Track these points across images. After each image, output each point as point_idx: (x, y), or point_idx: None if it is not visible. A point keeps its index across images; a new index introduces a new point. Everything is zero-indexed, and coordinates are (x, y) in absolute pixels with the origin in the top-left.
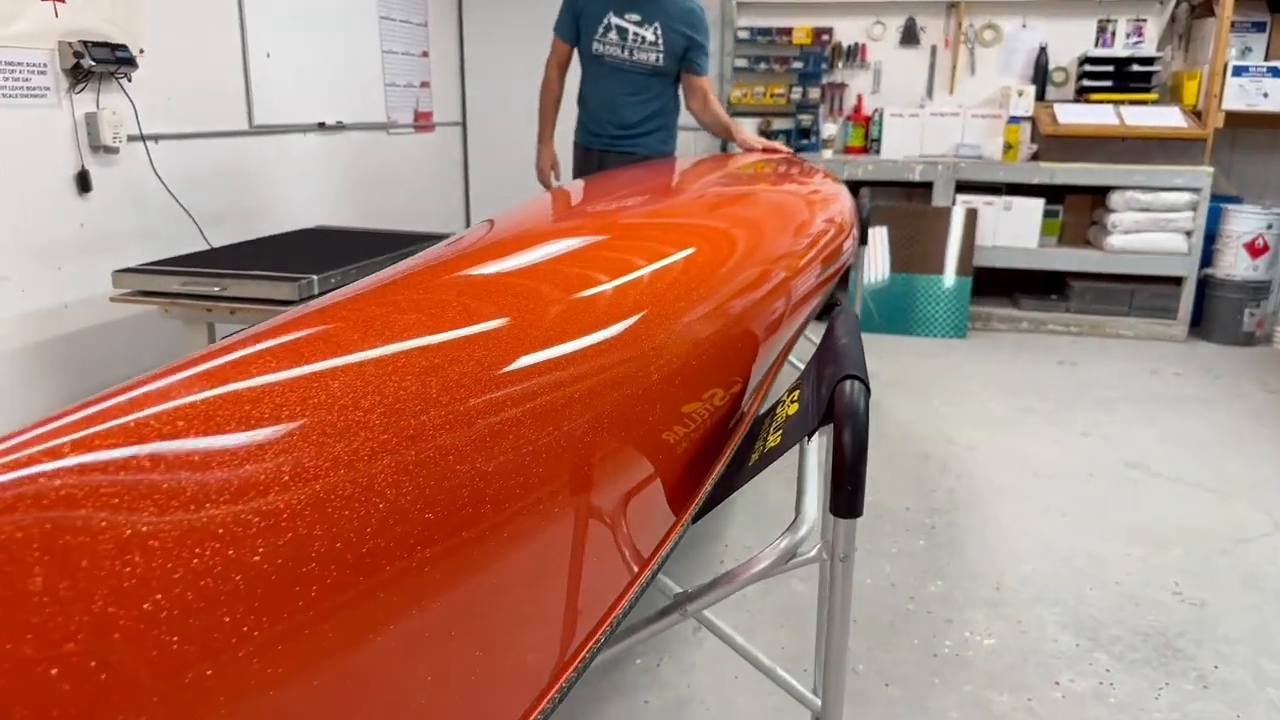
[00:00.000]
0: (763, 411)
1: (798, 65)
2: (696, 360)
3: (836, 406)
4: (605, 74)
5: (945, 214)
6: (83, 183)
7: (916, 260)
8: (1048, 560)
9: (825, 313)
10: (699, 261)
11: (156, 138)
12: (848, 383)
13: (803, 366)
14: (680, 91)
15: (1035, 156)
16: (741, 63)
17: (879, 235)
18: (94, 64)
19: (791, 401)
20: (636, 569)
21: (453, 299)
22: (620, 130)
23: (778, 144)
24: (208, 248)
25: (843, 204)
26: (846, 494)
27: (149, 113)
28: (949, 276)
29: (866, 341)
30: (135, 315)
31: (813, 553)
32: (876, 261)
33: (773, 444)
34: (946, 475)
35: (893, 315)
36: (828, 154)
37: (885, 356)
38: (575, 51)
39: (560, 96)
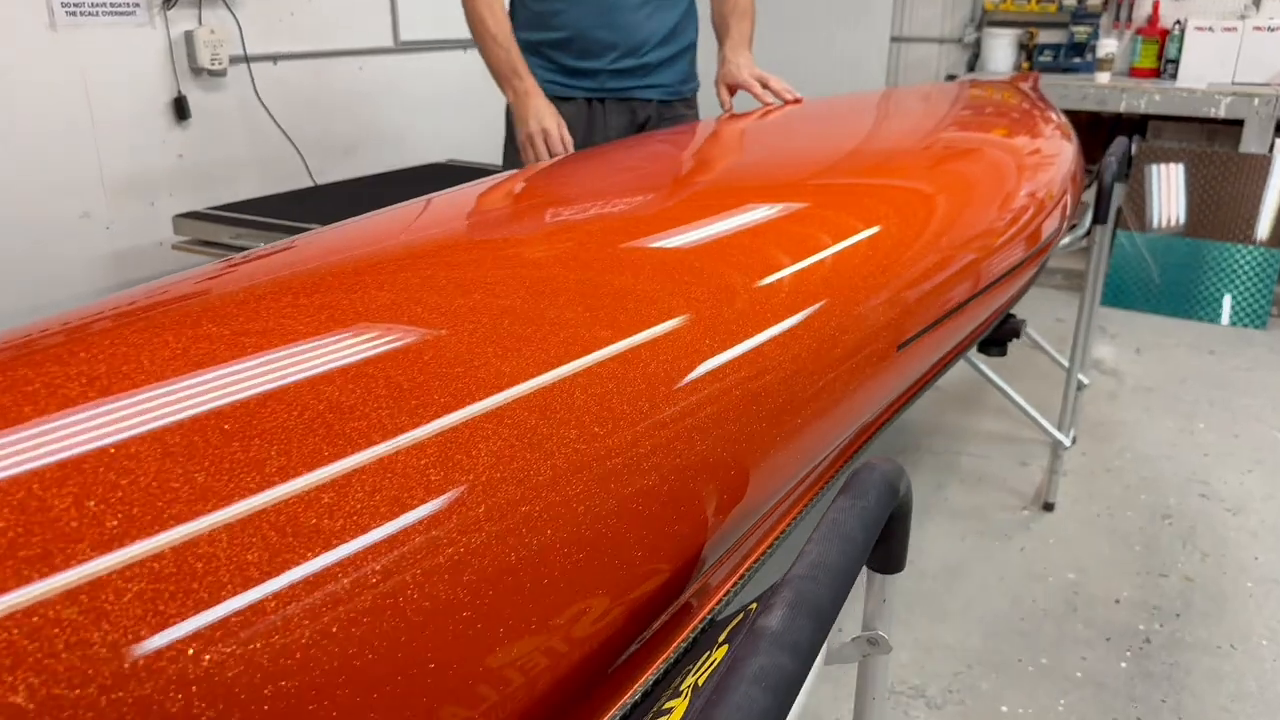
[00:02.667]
0: (723, 614)
1: None
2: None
3: None
4: None
5: (1258, 164)
6: (179, 110)
7: (1208, 222)
8: None
9: (989, 345)
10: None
11: (275, 58)
12: None
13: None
14: None
15: None
16: None
17: (1172, 175)
18: None
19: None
20: None
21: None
22: (629, 61)
23: (774, 80)
24: (311, 184)
25: (1059, 170)
26: None
27: (268, 28)
28: (1253, 247)
29: (1127, 320)
30: None
31: None
32: (1168, 208)
33: None
34: (1189, 550)
35: (1168, 290)
36: (1103, 77)
37: (1147, 346)
38: None
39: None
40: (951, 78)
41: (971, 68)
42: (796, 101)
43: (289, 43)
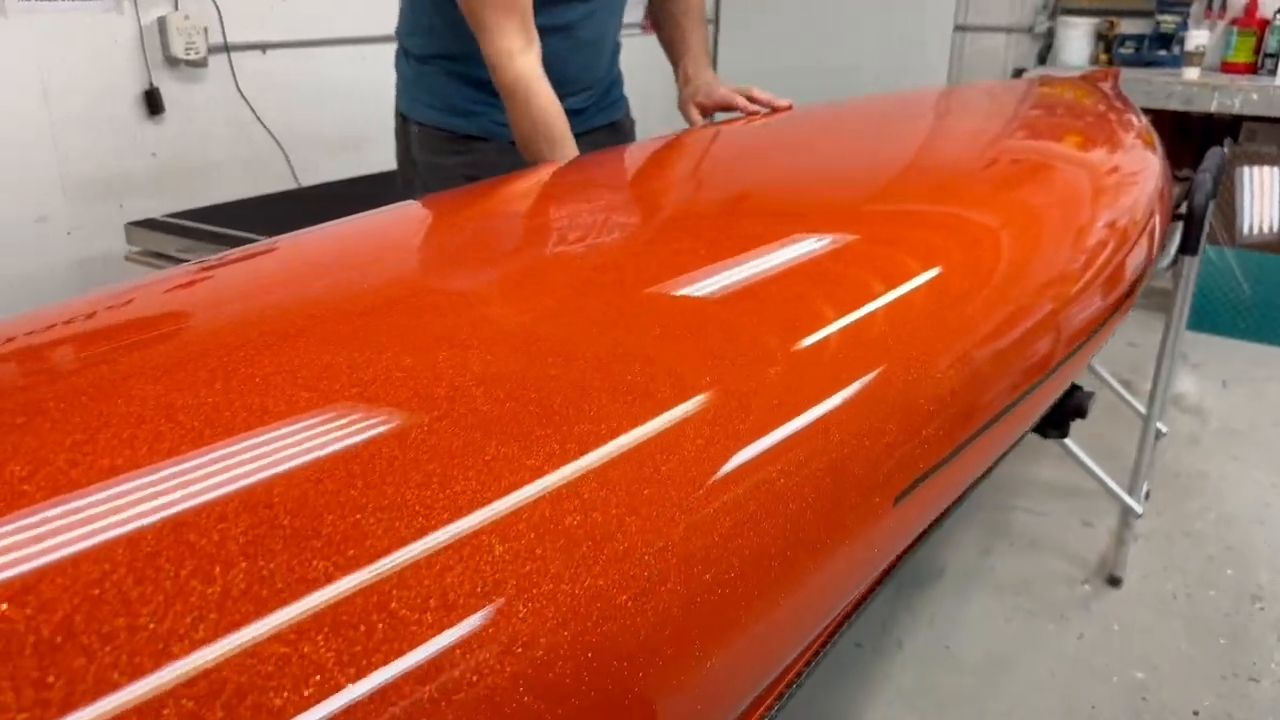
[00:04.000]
0: None
1: None
2: None
3: None
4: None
5: None
6: (151, 104)
7: None
8: None
9: (1046, 426)
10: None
11: (263, 46)
12: None
13: None
14: None
15: None
16: None
17: (1268, 183)
18: None
19: None
20: None
21: None
22: (593, 95)
23: (758, 90)
24: (295, 186)
25: (1143, 190)
26: None
27: (255, 15)
28: None
29: (1213, 347)
30: None
31: None
32: (1263, 220)
33: None
34: None
35: (1261, 313)
36: (1191, 73)
37: (1236, 379)
38: None
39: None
40: (1020, 72)
41: (1043, 60)
42: (787, 108)
43: (279, 30)
